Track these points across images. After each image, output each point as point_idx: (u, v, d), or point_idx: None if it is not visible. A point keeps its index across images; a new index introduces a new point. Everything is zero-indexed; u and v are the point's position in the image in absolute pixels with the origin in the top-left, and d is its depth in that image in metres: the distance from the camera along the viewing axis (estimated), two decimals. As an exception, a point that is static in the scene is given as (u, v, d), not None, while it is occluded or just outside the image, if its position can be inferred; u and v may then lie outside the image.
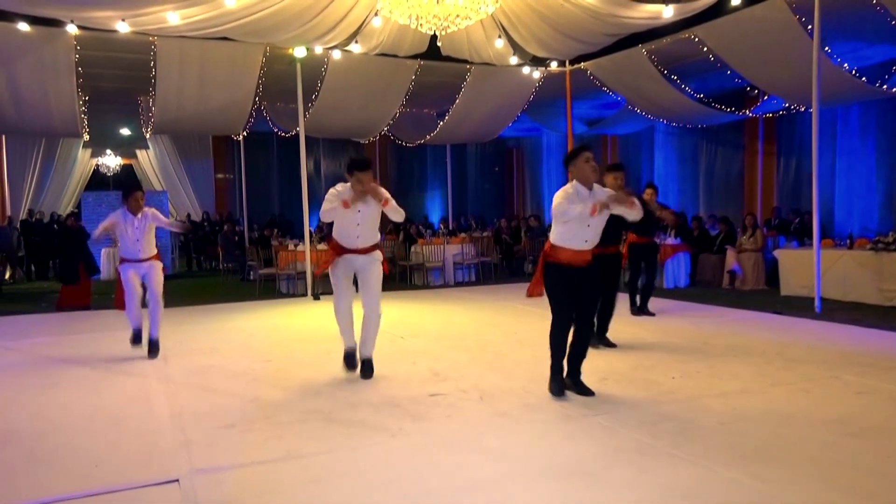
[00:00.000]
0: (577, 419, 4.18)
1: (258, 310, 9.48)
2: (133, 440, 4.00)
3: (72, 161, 18.67)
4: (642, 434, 3.86)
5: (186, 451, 3.78)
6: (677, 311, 8.42)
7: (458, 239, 13.15)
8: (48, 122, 11.89)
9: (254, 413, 4.46)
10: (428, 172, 21.63)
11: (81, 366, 6.05)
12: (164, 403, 4.77)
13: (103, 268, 14.17)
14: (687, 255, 11.27)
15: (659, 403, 4.47)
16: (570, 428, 4.02)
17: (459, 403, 4.57)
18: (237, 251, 14.58)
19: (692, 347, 6.25)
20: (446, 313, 8.74)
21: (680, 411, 4.29)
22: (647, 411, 4.29)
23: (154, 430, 4.18)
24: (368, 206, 5.10)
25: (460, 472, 3.38)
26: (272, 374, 5.59)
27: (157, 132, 14.91)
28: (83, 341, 7.26)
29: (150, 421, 4.37)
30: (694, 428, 3.95)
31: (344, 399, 4.74)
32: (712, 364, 5.55)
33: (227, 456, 3.68)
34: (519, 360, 5.86)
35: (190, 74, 11.12)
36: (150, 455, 3.74)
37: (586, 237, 4.54)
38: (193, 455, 3.70)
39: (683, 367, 5.44)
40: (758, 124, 14.42)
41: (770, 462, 3.43)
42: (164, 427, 4.22)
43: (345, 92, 12.40)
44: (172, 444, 3.89)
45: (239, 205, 18.22)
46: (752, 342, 6.43)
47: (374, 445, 3.81)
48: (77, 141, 17.51)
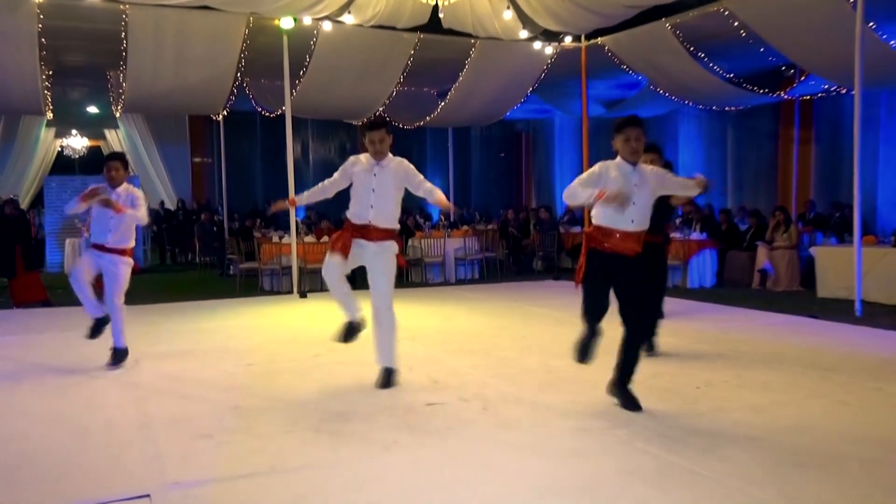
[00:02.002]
0: (591, 433, 4.17)
1: (238, 308, 9.49)
2: (100, 451, 3.99)
3: (33, 141, 18.68)
4: (662, 450, 3.86)
5: (158, 463, 3.77)
6: (702, 314, 8.41)
7: (461, 232, 13.16)
8: (7, 98, 11.87)
9: (233, 423, 4.46)
10: (427, 158, 21.60)
11: (43, 368, 6.05)
12: (134, 411, 4.76)
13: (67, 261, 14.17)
14: (713, 252, 11.26)
15: (681, 416, 4.46)
16: (583, 442, 4.02)
17: (460, 414, 4.57)
18: (216, 243, 14.59)
19: (718, 354, 6.24)
20: (447, 314, 8.74)
21: (704, 425, 4.29)
22: (667, 424, 4.28)
23: (123, 439, 4.18)
24: (383, 176, 5.16)
25: (460, 490, 3.38)
26: (253, 379, 5.59)
27: (127, 111, 14.90)
28: (45, 341, 7.26)
29: (119, 430, 4.36)
30: (720, 443, 3.95)
31: (333, 408, 4.74)
32: (741, 373, 5.55)
33: (203, 469, 3.68)
34: (527, 367, 5.85)
35: (165, 47, 11.09)
36: (119, 467, 3.74)
37: (632, 216, 4.43)
38: (166, 468, 3.70)
39: (709, 376, 5.43)
40: (793, 108, 14.40)
41: (805, 482, 3.43)
42: (133, 437, 4.22)
43: (336, 68, 12.37)
44: (143, 456, 3.89)
45: (218, 192, 18.23)
46: (785, 349, 6.42)
47: (365, 460, 3.81)
48: (40, 120, 17.50)
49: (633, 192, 4.42)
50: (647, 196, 4.50)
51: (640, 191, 4.46)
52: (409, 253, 12.36)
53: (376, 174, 5.17)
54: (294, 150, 11.98)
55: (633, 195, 4.41)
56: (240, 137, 19.43)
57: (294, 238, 10.99)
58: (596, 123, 16.13)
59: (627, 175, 4.47)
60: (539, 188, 21.38)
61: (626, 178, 4.45)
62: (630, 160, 4.50)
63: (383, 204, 5.17)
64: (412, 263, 12.36)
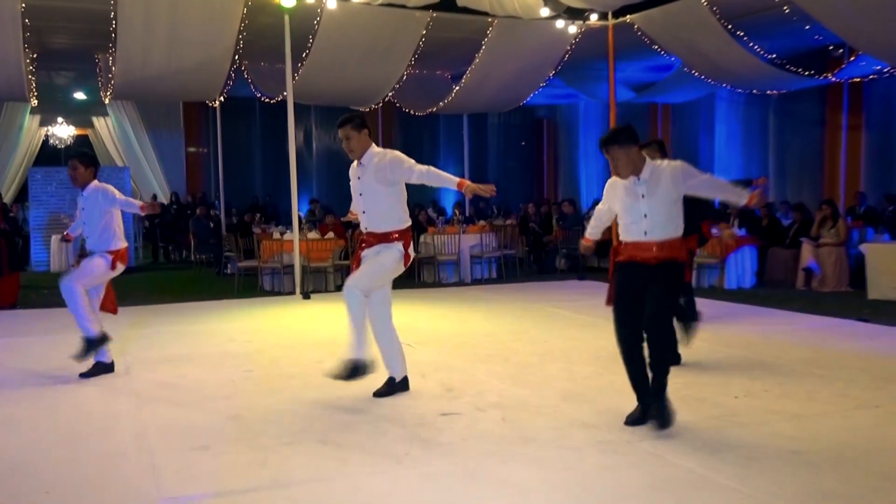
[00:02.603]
0: (619, 446, 4.18)
1: (237, 310, 9.56)
2: (91, 462, 4.05)
3: (17, 130, 18.86)
4: (697, 464, 3.86)
5: (153, 476, 3.82)
6: (741, 317, 8.38)
7: (477, 228, 13.16)
8: (-11, 83, 12.01)
9: (232, 433, 4.51)
10: (440, 147, 21.63)
11: (28, 373, 6.13)
12: (128, 420, 4.82)
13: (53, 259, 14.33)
14: (753, 250, 11.21)
15: (718, 428, 4.46)
16: (610, 457, 4.03)
17: (477, 425, 4.59)
18: (212, 240, 14.68)
19: (758, 361, 6.22)
20: (462, 317, 8.76)
21: (743, 437, 4.29)
22: (703, 437, 4.28)
23: (116, 451, 4.23)
24: (366, 176, 5.12)
25: (478, 507, 3.40)
26: (254, 386, 5.64)
27: (117, 97, 15.04)
28: (33, 345, 7.35)
29: (111, 440, 4.42)
30: (760, 458, 3.94)
31: (339, 418, 4.78)
32: (783, 381, 5.53)
33: (201, 483, 3.72)
34: (549, 374, 5.87)
35: (157, 27, 11.18)
36: (111, 480, 3.79)
37: (645, 227, 4.50)
38: (162, 481, 3.75)
39: (748, 385, 5.42)
40: (841, 91, 14.29)
41: (852, 501, 3.42)
42: (127, 448, 4.28)
43: (342, 50, 12.41)
44: (137, 468, 3.94)
45: (214, 184, 18.36)
46: (831, 355, 6.39)
47: (375, 474, 3.84)
48: (23, 106, 17.69)
49: (641, 204, 4.50)
50: (659, 204, 4.49)
51: (649, 201, 4.48)
52: (422, 250, 12.39)
53: (360, 176, 5.17)
54: (296, 138, 12.05)
55: (642, 208, 4.49)
56: (238, 125, 19.53)
57: (296, 234, 11.05)
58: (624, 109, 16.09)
59: (632, 189, 4.55)
60: (562, 180, 21.35)
61: (632, 193, 4.54)
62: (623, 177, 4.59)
63: (373, 207, 5.13)
64: (424, 262, 12.39)
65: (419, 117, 17.02)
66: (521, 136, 22.39)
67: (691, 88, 15.21)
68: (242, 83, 13.99)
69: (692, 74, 13.58)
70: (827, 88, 14.12)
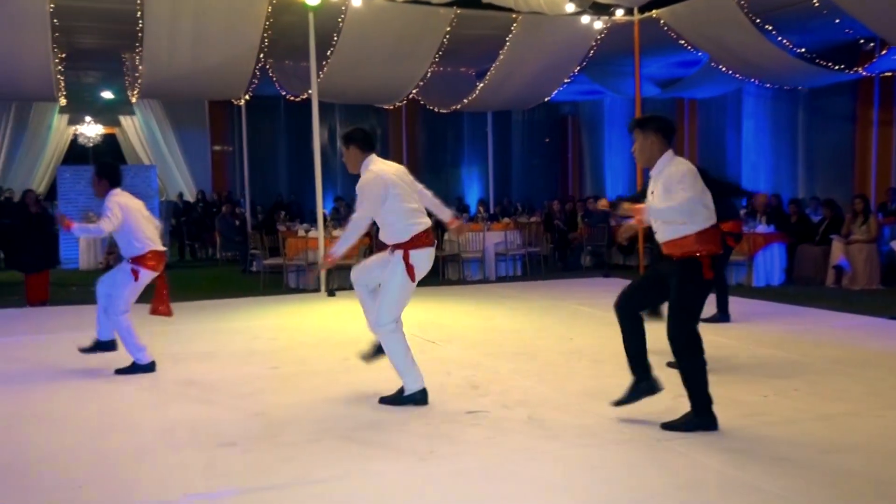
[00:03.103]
0: (645, 444, 4.16)
1: (262, 307, 9.63)
2: (119, 459, 4.11)
3: (46, 129, 19.13)
4: (725, 464, 3.83)
5: (181, 472, 3.87)
6: (770, 315, 8.30)
7: (501, 225, 13.14)
8: (19, 83, 12.19)
9: (258, 430, 4.55)
10: (464, 145, 21.62)
11: (58, 370, 6.22)
12: (154, 417, 4.88)
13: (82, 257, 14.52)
14: (782, 247, 11.09)
15: (746, 427, 4.42)
16: (636, 455, 4.01)
17: (502, 423, 4.59)
18: (237, 237, 14.80)
19: (788, 359, 6.16)
20: (486, 314, 8.76)
21: (772, 437, 4.25)
22: (731, 436, 4.25)
23: (143, 447, 4.29)
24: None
25: (503, 505, 3.40)
26: (279, 384, 5.68)
27: (144, 96, 15.18)
28: (61, 341, 7.44)
29: (138, 437, 4.48)
30: (789, 458, 3.91)
31: (364, 415, 4.80)
32: (813, 380, 5.47)
33: (227, 479, 3.76)
34: (574, 372, 5.85)
35: (183, 27, 11.28)
36: (139, 476, 3.84)
37: (655, 227, 4.53)
38: (188, 478, 3.79)
39: (777, 384, 5.37)
40: (872, 86, 14.08)
41: (883, 502, 3.37)
42: (154, 445, 4.33)
43: (366, 47, 12.45)
44: (165, 465, 3.99)
45: (240, 182, 18.46)
46: (863, 354, 6.31)
47: (400, 471, 3.85)
48: (52, 106, 17.93)
49: (649, 200, 4.49)
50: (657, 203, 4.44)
51: (652, 198, 4.47)
52: (446, 248, 12.40)
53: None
54: (321, 136, 12.08)
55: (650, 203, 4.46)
56: (263, 123, 19.65)
57: (321, 232, 11.09)
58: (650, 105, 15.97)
59: (648, 184, 4.58)
60: (587, 176, 21.25)
61: (648, 188, 4.57)
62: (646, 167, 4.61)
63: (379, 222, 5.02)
64: (448, 259, 12.39)
65: (443, 115, 17.01)
66: (546, 132, 22.30)
67: (718, 83, 15.07)
68: (267, 81, 14.07)
69: (719, 69, 13.45)
70: (857, 83, 13.93)
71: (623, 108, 18.98)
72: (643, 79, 13.78)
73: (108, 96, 18.88)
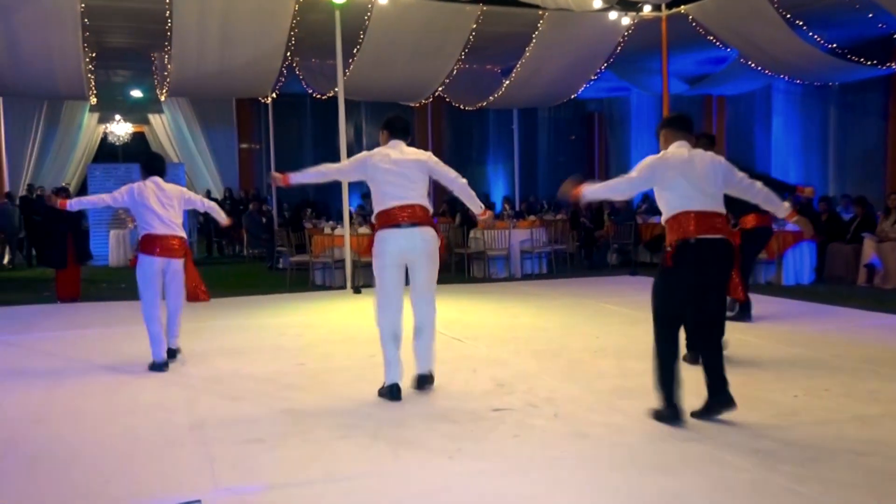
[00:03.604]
0: (674, 444, 4.13)
1: (289, 304, 9.69)
2: (149, 453, 4.15)
3: (76, 127, 19.40)
4: (755, 465, 3.79)
5: (210, 467, 3.90)
6: (800, 314, 8.19)
7: (527, 222, 13.11)
8: (51, 82, 12.38)
9: (286, 426, 4.57)
10: (490, 142, 21.60)
11: (90, 365, 6.31)
12: (184, 412, 4.93)
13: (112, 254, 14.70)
14: (812, 245, 10.95)
15: (777, 428, 4.37)
16: (665, 455, 3.97)
17: (529, 421, 4.58)
18: (264, 235, 14.90)
19: (819, 359, 6.08)
20: (512, 312, 8.74)
21: (803, 438, 4.19)
22: (761, 437, 4.20)
23: (173, 441, 4.33)
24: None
25: (531, 504, 3.39)
26: (306, 380, 5.71)
27: (172, 94, 15.36)
28: (92, 337, 7.56)
29: (168, 432, 4.53)
30: (821, 459, 3.85)
31: (391, 413, 4.81)
32: (845, 381, 5.40)
33: (256, 475, 3.79)
34: (601, 370, 5.82)
35: (211, 26, 11.38)
36: (169, 471, 3.88)
37: None
38: (217, 473, 3.82)
39: (807, 384, 5.30)
40: (906, 81, 13.85)
41: (919, 504, 3.32)
42: (183, 439, 4.37)
43: (392, 45, 12.48)
44: (193, 460, 4.03)
45: (267, 180, 18.59)
46: (895, 354, 6.21)
47: (426, 469, 3.86)
48: (83, 105, 18.19)
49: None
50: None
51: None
52: (471, 245, 12.39)
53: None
54: (347, 134, 12.14)
55: None
56: (289, 121, 19.78)
57: (347, 229, 11.14)
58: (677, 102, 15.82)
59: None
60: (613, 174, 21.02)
61: None
62: None
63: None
64: (474, 257, 12.38)
65: (469, 112, 17.02)
66: (572, 129, 22.22)
67: (747, 80, 14.91)
68: (294, 80, 14.15)
69: (748, 65, 13.30)
70: (890, 78, 13.70)
71: (650, 105, 18.84)
72: (671, 75, 13.66)
73: (137, 95, 19.10)
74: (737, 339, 6.66)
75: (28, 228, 15.19)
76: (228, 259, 16.77)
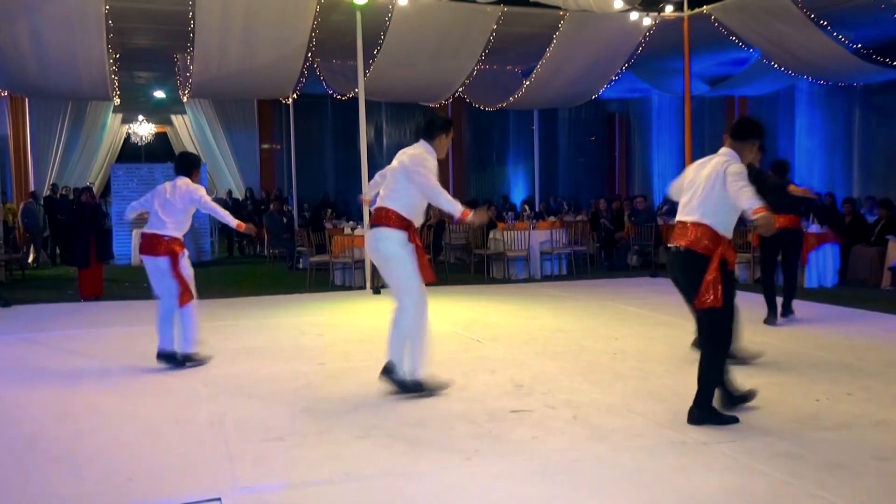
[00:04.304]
0: (694, 447, 4.10)
1: (309, 304, 9.73)
2: (169, 451, 4.19)
3: (100, 128, 19.62)
4: (777, 469, 3.76)
5: (229, 465, 3.93)
6: (822, 317, 8.12)
7: (547, 224, 13.08)
8: (75, 82, 12.52)
9: (305, 426, 4.60)
10: (510, 143, 21.58)
11: (112, 363, 6.38)
12: (204, 410, 4.97)
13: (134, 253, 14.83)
14: (836, 247, 10.84)
15: (799, 432, 4.33)
16: (685, 458, 3.95)
17: (547, 423, 4.57)
18: (285, 235, 14.98)
19: (842, 363, 6.02)
20: (531, 313, 8.72)
21: (826, 442, 4.15)
22: (783, 441, 4.17)
23: (193, 440, 4.37)
24: None
25: (549, 506, 3.39)
26: (326, 380, 5.74)
27: (195, 95, 15.47)
28: (114, 336, 7.64)
29: (189, 429, 4.57)
30: (843, 464, 3.82)
31: (409, 413, 4.82)
32: (868, 385, 5.34)
33: (276, 473, 3.81)
34: (620, 373, 5.79)
35: (233, 28, 11.46)
36: (189, 468, 3.92)
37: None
38: (237, 470, 3.85)
39: (830, 388, 5.25)
40: (933, 82, 13.66)
41: (943, 511, 3.28)
42: (203, 437, 4.41)
43: (412, 46, 12.50)
44: (214, 457, 4.06)
45: (287, 180, 18.71)
46: (920, 359, 6.14)
47: (445, 469, 3.86)
48: (107, 105, 18.39)
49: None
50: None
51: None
52: (491, 246, 12.38)
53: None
54: (367, 134, 12.17)
55: None
56: (310, 122, 19.90)
57: (367, 229, 11.17)
58: (699, 103, 15.75)
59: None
60: (634, 175, 21.03)
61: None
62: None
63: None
64: (493, 258, 12.38)
65: (489, 112, 17.03)
66: (592, 130, 22.14)
67: (770, 80, 14.78)
68: (315, 80, 14.22)
69: (771, 66, 13.19)
70: (916, 79, 13.54)
71: (672, 105, 18.74)
72: (693, 77, 13.57)
73: (160, 96, 19.29)
74: (759, 342, 6.61)
75: (52, 228, 15.42)
76: (249, 259, 16.88)
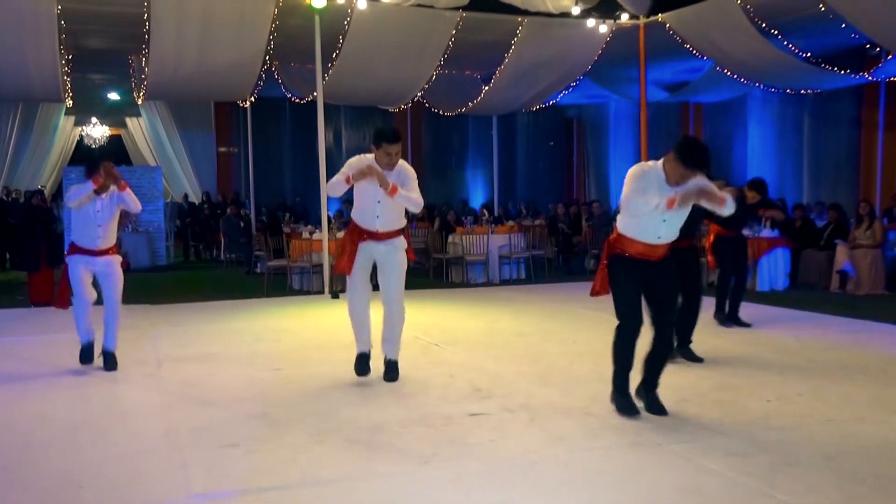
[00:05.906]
0: (649, 448, 4.15)
1: (266, 309, 9.63)
2: (122, 459, 4.11)
3: (52, 130, 19.20)
4: (729, 468, 3.82)
5: (183, 473, 3.86)
6: (774, 320, 8.27)
7: (505, 228, 13.13)
8: (26, 84, 12.23)
9: (261, 431, 4.55)
10: (469, 148, 21.61)
11: (62, 370, 6.23)
12: (157, 417, 4.88)
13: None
14: (786, 252, 11.06)
15: (750, 431, 4.41)
16: (640, 458, 4.00)
17: (505, 426, 4.59)
18: (242, 239, 14.81)
19: (792, 364, 6.14)
20: (490, 317, 8.75)
21: (776, 442, 4.23)
22: (735, 440, 4.24)
23: (146, 448, 4.29)
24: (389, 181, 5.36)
25: (506, 508, 3.39)
26: (282, 385, 5.68)
27: (150, 97, 15.22)
28: (64, 342, 7.44)
29: (141, 437, 4.48)
30: (793, 463, 3.89)
31: (367, 417, 4.79)
32: (817, 385, 5.45)
33: (231, 480, 3.76)
34: (577, 376, 5.84)
35: (189, 29, 11.31)
36: (142, 477, 3.84)
37: (660, 233, 4.61)
38: (191, 478, 3.79)
39: (781, 389, 5.36)
40: (878, 91, 14.04)
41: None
42: (157, 445, 4.33)
43: (371, 50, 12.46)
44: (167, 465, 3.99)
45: (245, 184, 18.51)
46: (867, 359, 6.29)
47: (402, 473, 3.85)
48: (59, 107, 17.99)
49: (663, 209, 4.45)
50: (682, 214, 4.60)
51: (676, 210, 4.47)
52: (450, 250, 12.39)
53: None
54: (326, 138, 12.12)
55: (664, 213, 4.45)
56: (268, 126, 19.68)
57: (325, 234, 11.11)
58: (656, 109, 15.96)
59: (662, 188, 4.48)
60: (592, 180, 21.22)
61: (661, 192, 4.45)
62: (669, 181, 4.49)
63: (389, 213, 5.53)
64: (452, 262, 12.39)
65: (448, 117, 17.03)
66: (551, 136, 22.28)
67: (724, 88, 15.04)
68: (273, 84, 14.09)
69: (725, 74, 13.43)
70: (863, 87, 13.89)
71: (628, 111, 18.94)
72: (649, 83, 13.76)
73: (114, 98, 18.94)
74: (713, 344, 6.72)
75: (2, 231, 15.02)
76: (205, 264, 16.64)
